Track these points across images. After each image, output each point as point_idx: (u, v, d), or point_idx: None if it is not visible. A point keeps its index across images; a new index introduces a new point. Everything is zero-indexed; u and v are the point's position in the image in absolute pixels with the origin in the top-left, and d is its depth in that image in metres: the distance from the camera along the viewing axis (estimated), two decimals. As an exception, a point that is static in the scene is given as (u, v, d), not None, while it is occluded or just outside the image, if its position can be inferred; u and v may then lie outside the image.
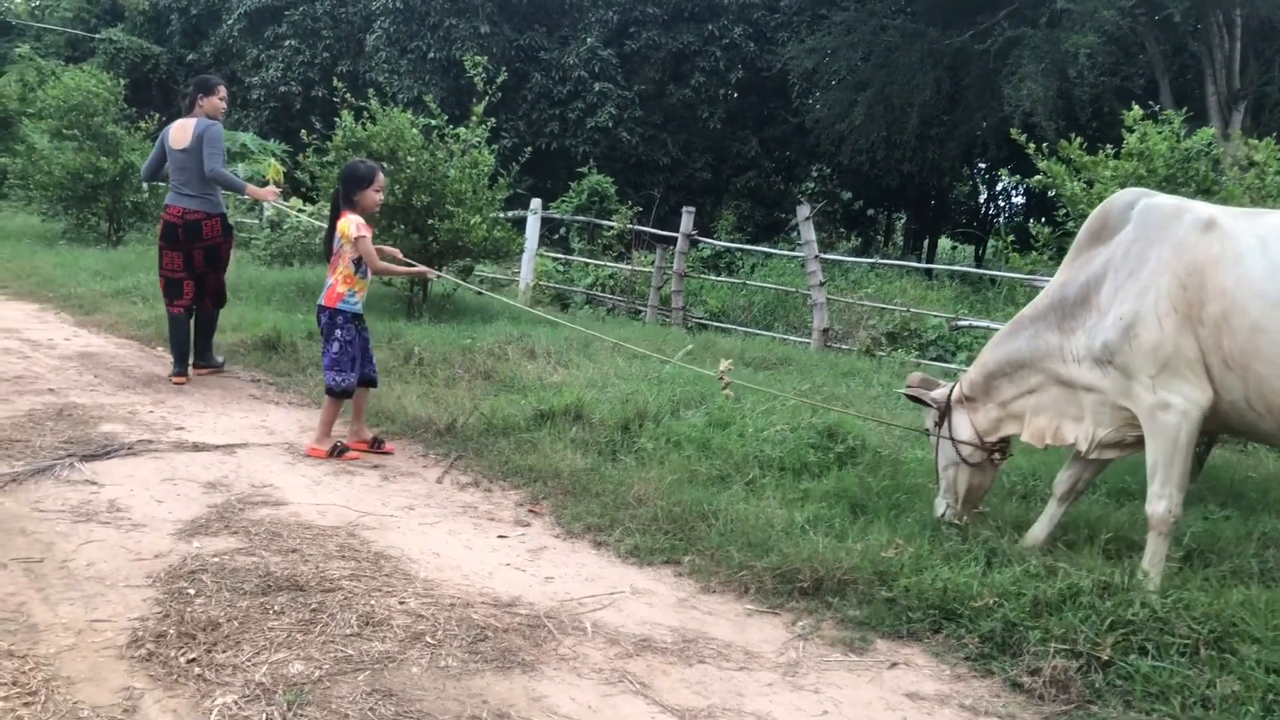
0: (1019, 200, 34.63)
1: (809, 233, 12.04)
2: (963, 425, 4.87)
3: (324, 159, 11.19)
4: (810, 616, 4.09)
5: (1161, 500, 4.18)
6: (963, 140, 25.40)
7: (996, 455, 4.88)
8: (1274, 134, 6.12)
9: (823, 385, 8.00)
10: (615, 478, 5.47)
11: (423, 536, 4.73)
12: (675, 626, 3.93)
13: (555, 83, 25.42)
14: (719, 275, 17.02)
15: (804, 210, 12.36)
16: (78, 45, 34.16)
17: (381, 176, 6.23)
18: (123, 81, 18.17)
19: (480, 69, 11.55)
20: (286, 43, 27.56)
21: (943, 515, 4.88)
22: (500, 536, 4.83)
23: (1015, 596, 3.96)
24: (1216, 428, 4.38)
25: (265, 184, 8.40)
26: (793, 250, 15.80)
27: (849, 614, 4.07)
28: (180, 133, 7.82)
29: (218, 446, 5.94)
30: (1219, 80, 19.20)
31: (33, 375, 7.39)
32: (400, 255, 6.97)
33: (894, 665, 3.74)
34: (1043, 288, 4.91)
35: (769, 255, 17.40)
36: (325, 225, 6.51)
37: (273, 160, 20.49)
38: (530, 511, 5.24)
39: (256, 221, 17.86)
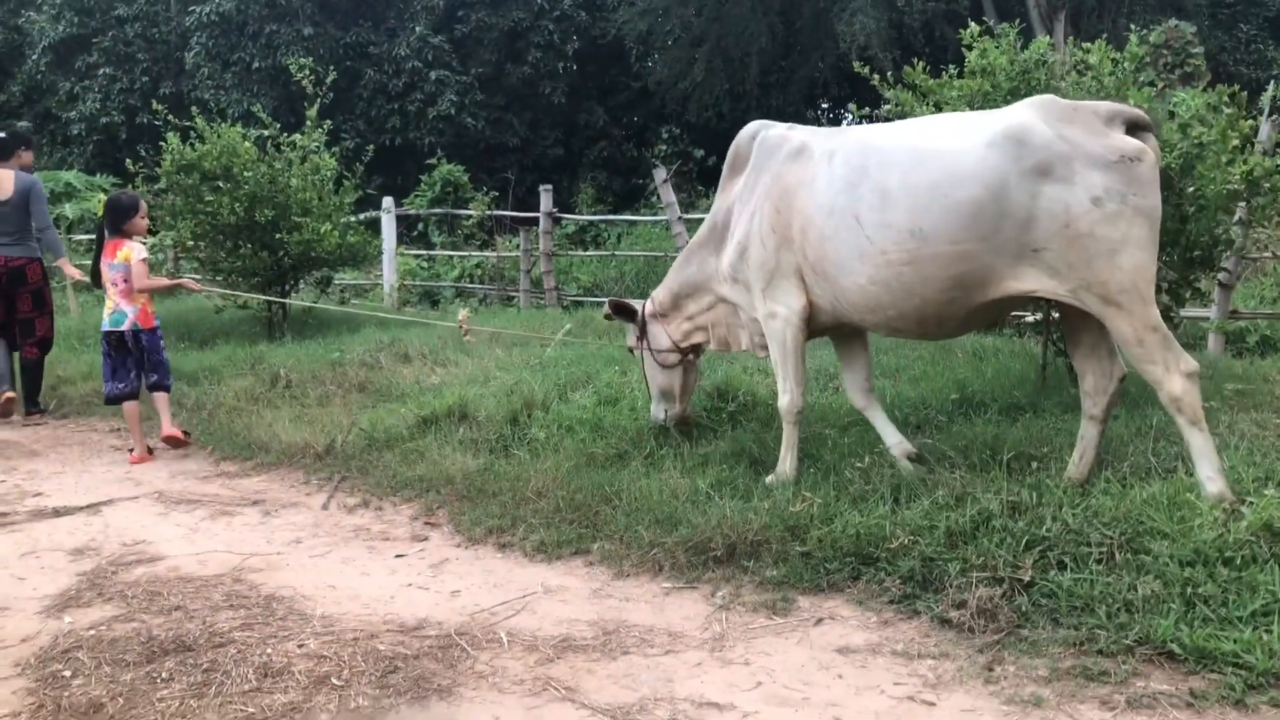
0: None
1: (669, 195, 11.94)
2: (660, 336, 5.48)
3: (155, 187, 10.61)
4: (729, 585, 3.98)
5: (785, 395, 4.82)
6: (803, 83, 25.62)
7: (691, 356, 5.52)
8: (1099, 38, 6.20)
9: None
10: (511, 474, 5.27)
11: (314, 570, 4.46)
12: (594, 620, 3.77)
13: (389, 76, 24.71)
14: (586, 250, 16.83)
15: (660, 174, 12.25)
16: None
17: (144, 204, 7.05)
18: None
19: (307, 71, 11.07)
20: (100, 71, 26.13)
21: (663, 419, 5.56)
22: (398, 556, 4.59)
23: (929, 530, 3.91)
24: (831, 325, 4.81)
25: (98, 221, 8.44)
26: (655, 215, 15.71)
27: (767, 575, 3.97)
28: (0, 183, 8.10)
29: (81, 508, 5.54)
30: (1038, -7, 19.73)
31: None
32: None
33: (819, 621, 3.66)
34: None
35: (633, 223, 17.29)
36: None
37: (102, 197, 19.53)
38: (426, 524, 5.01)
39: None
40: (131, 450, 6.70)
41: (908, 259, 4.21)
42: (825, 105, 32.62)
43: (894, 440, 4.85)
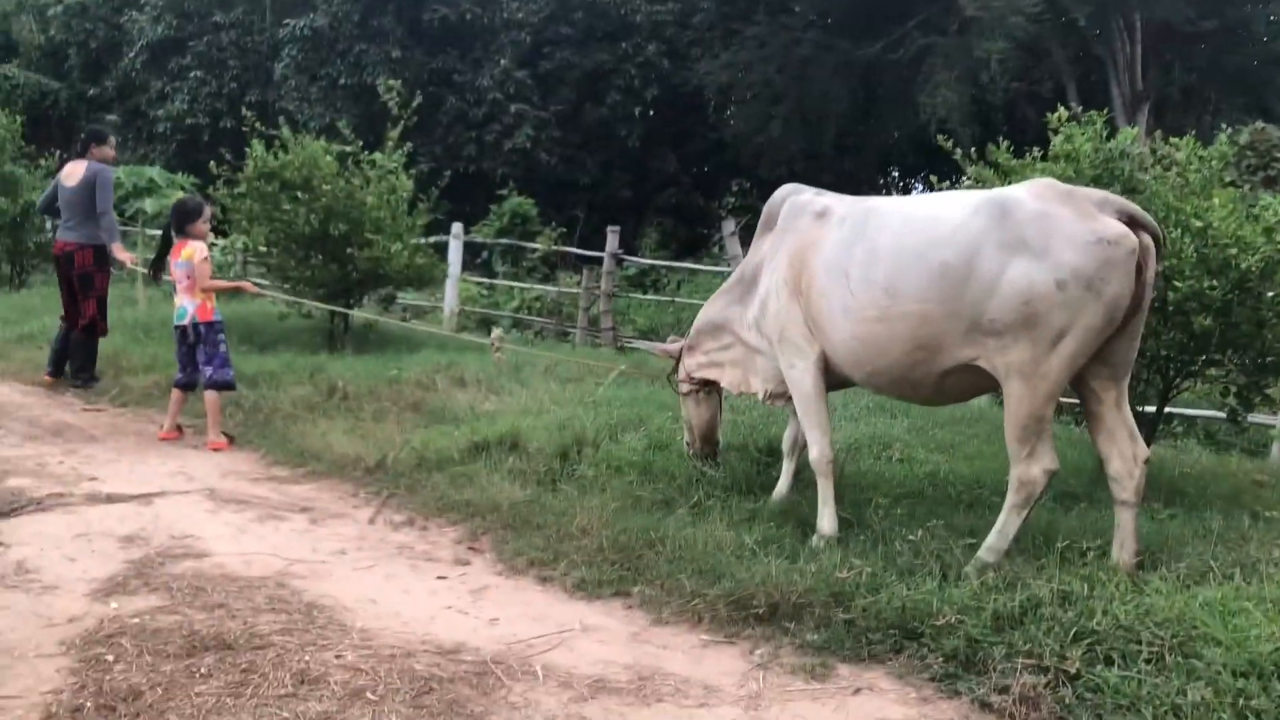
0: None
1: (734, 247, 11.99)
2: (683, 370, 5.80)
3: (235, 190, 10.84)
4: (768, 644, 3.94)
5: (814, 446, 4.93)
6: (878, 149, 25.70)
7: (708, 390, 5.76)
8: (1183, 133, 6.16)
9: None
10: (557, 508, 5.28)
11: (357, 583, 4.50)
12: (629, 664, 3.75)
13: (470, 105, 25.11)
14: (646, 294, 16.90)
15: (729, 225, 12.34)
16: (-28, 83, 32.95)
17: (209, 209, 7.51)
18: (19, 119, 17.50)
19: (394, 93, 11.29)
20: (191, 74, 26.84)
21: (690, 454, 5.84)
22: (439, 578, 4.61)
23: (975, 611, 3.85)
24: (838, 379, 4.96)
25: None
26: (717, 265, 15.75)
27: (807, 639, 3.93)
28: (72, 172, 8.79)
29: (134, 497, 5.63)
30: (1123, 82, 19.68)
31: (-69, 430, 6.98)
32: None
33: (858, 691, 3.61)
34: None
35: (694, 271, 17.34)
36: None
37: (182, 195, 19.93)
38: (470, 549, 5.03)
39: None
40: (163, 427, 7.27)
41: (879, 316, 4.44)
42: (896, 174, 32.68)
43: (783, 489, 5.35)
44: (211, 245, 10.46)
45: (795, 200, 5.16)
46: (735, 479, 5.56)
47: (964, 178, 6.38)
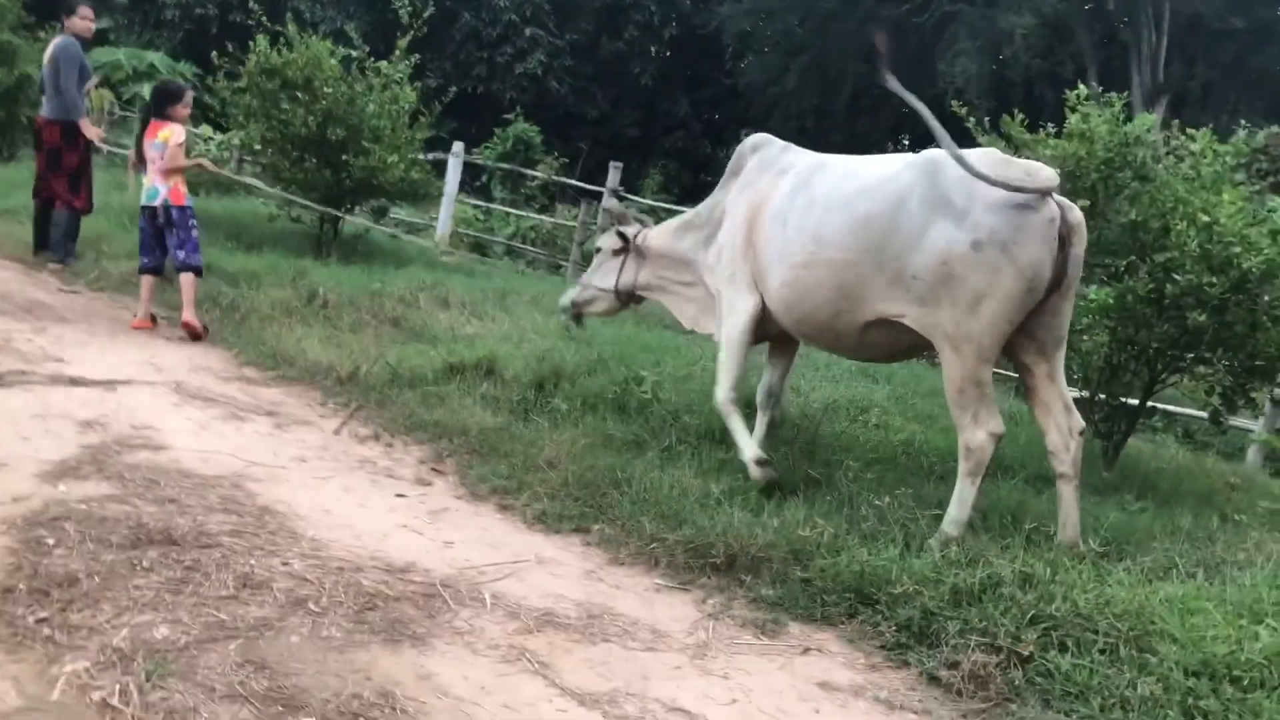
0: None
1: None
2: (629, 270, 5.80)
3: (236, 84, 10.61)
4: (722, 594, 3.89)
5: (721, 388, 5.06)
6: (892, 113, 25.38)
7: (634, 304, 6.04)
8: (1202, 127, 6.04)
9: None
10: (526, 438, 5.22)
11: (314, 491, 4.42)
12: (581, 600, 3.69)
13: (485, 24, 24.71)
14: (642, 233, 16.69)
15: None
16: (-21, -51, 32.17)
17: (190, 94, 7.53)
18: (24, -10, 17.07)
19: (405, 2, 11.03)
20: (205, -38, 26.31)
21: (566, 310, 6.06)
22: (399, 495, 4.54)
23: (934, 584, 3.79)
24: (774, 331, 5.08)
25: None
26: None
27: (762, 593, 3.88)
28: (48, 49, 8.70)
29: (98, 382, 5.51)
30: (1144, 71, 19.44)
31: (-100, 295, 6.84)
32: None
33: (807, 651, 3.56)
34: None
35: (694, 217, 17.15)
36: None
37: (103, 91, 19.51)
38: (433, 470, 4.96)
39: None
40: (135, 315, 7.16)
41: (805, 261, 4.56)
42: (907, 141, 32.37)
43: (755, 444, 5.03)
44: (207, 139, 10.34)
45: (764, 154, 5.23)
46: (710, 427, 5.48)
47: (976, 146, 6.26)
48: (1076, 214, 4.22)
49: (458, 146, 14.50)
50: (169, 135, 7.16)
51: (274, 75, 10.06)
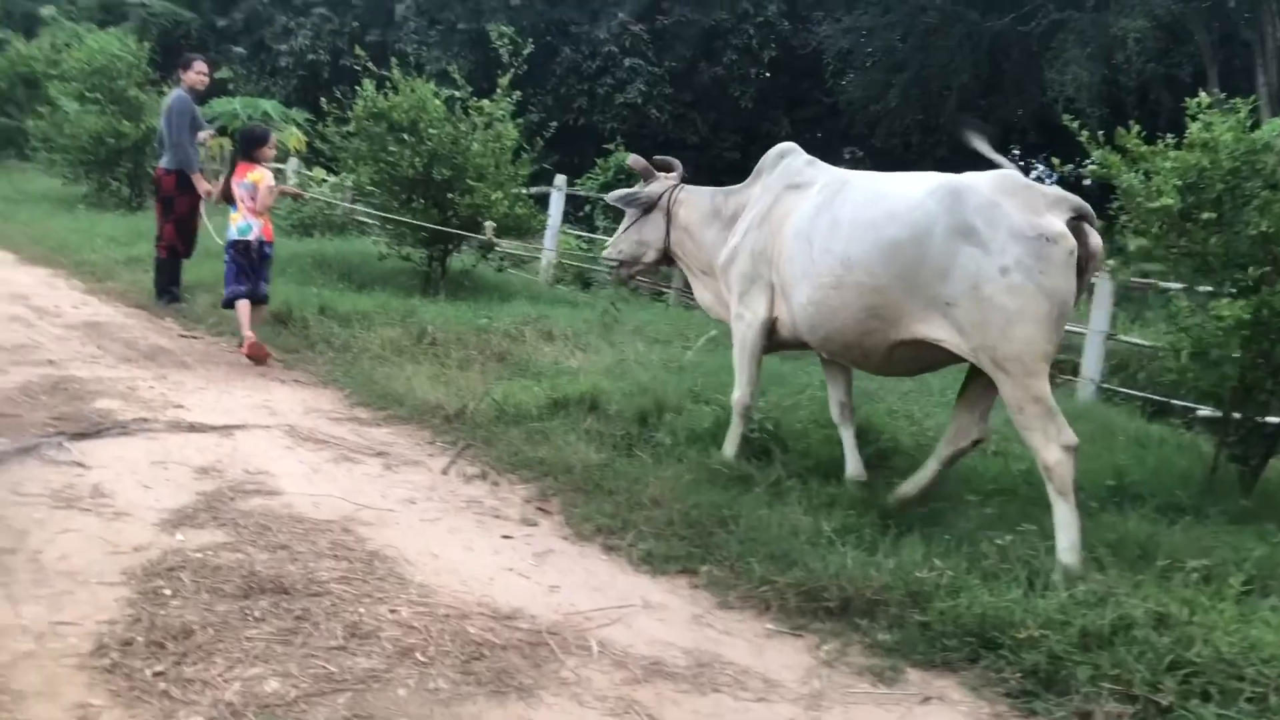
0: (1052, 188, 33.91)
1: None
2: (657, 226, 5.89)
3: (344, 129, 10.89)
4: (836, 640, 3.75)
5: (738, 390, 5.34)
6: (999, 125, 24.75)
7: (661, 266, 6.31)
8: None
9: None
10: (630, 475, 5.15)
11: (422, 534, 4.43)
12: (689, 648, 3.60)
13: (585, 57, 24.98)
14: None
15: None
16: (110, 10, 33.75)
17: (274, 137, 8.17)
18: (149, 46, 17.89)
19: (505, 40, 11.18)
20: (316, 11, 27.24)
21: (613, 260, 6.19)
22: (505, 537, 4.52)
23: (1061, 626, 3.60)
24: (791, 341, 5.24)
25: (286, 153, 9.15)
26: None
27: (878, 639, 3.73)
28: (165, 102, 9.40)
29: (215, 428, 5.65)
30: (1270, 71, 18.57)
31: (34, 345, 7.14)
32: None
33: (927, 699, 3.41)
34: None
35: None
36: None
37: (295, 130, 20.23)
38: (538, 509, 4.92)
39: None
40: (240, 344, 7.50)
41: (834, 283, 4.68)
42: (1017, 152, 31.58)
43: (854, 469, 5.23)
44: (320, 181, 10.71)
45: (787, 166, 5.37)
46: (818, 461, 5.35)
47: (1088, 161, 6.00)
48: (1096, 241, 4.38)
49: (560, 179, 14.62)
50: (259, 177, 7.66)
51: (381, 119, 10.30)
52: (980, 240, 4.26)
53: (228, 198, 7.81)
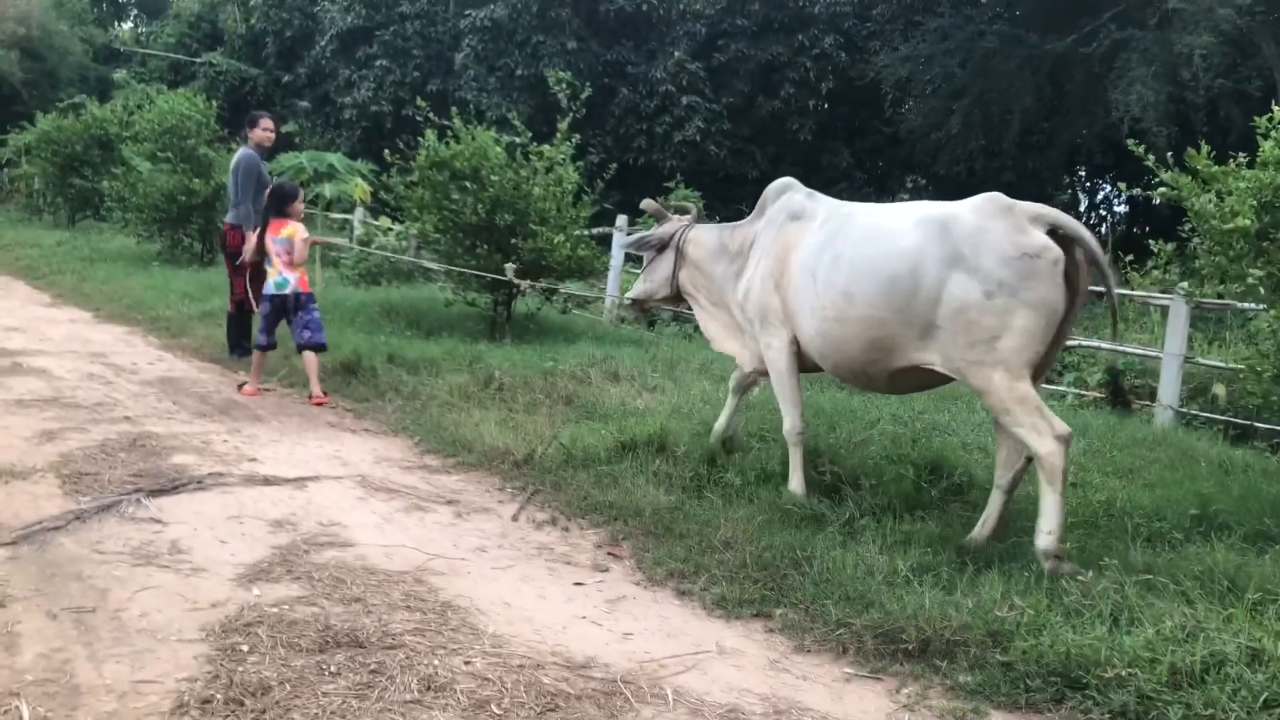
0: (1120, 209, 33.31)
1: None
2: (665, 267, 6.22)
3: (408, 179, 11.08)
4: (916, 682, 3.68)
5: (787, 419, 5.49)
6: (1065, 148, 24.44)
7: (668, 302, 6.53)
8: None
9: (922, 412, 7.51)
10: (700, 517, 5.12)
11: (494, 583, 4.43)
12: (766, 694, 3.55)
13: (642, 97, 25.18)
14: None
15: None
16: (180, 70, 34.96)
17: (303, 193, 8.60)
18: (216, 104, 18.41)
19: (564, 84, 11.32)
20: (377, 63, 27.79)
21: (629, 302, 6.70)
22: (577, 584, 4.50)
23: (1149, 664, 3.50)
24: (810, 365, 5.44)
25: (353, 204, 9.43)
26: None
27: (959, 680, 3.65)
28: (233, 159, 9.72)
29: (288, 480, 5.74)
30: (1343, 82, 18.09)
31: (112, 402, 7.32)
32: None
33: (1013, 744, 3.32)
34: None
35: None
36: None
37: (359, 181, 20.63)
38: (609, 554, 4.91)
39: (345, 241, 17.92)
40: (245, 385, 8.06)
41: (837, 317, 4.95)
42: (1083, 173, 31.13)
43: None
44: (386, 230, 10.91)
45: (788, 200, 5.61)
46: (890, 498, 5.27)
47: (1157, 181, 5.88)
48: (1091, 251, 4.54)
49: (621, 220, 14.71)
50: (292, 231, 8.08)
51: (443, 167, 10.45)
52: (968, 266, 4.49)
53: (261, 253, 8.28)
